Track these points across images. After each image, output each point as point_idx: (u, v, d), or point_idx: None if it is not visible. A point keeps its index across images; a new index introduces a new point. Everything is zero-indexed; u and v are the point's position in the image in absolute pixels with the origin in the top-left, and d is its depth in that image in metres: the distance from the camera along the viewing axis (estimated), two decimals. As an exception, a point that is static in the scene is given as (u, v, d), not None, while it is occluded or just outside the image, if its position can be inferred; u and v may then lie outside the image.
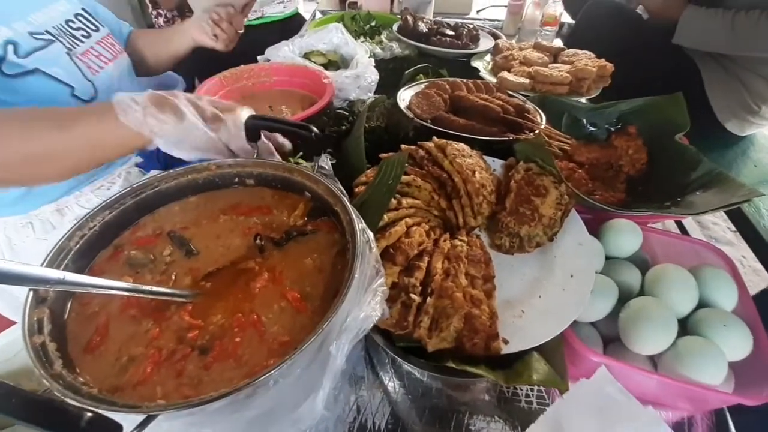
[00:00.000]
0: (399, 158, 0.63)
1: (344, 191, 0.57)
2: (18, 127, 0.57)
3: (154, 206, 0.58)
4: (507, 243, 0.62)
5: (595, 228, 0.67)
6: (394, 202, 0.60)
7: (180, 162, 0.59)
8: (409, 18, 1.19)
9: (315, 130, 0.60)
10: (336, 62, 1.16)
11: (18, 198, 0.84)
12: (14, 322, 0.81)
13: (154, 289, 0.46)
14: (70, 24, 0.85)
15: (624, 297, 0.59)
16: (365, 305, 0.46)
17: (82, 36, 0.86)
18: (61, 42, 0.80)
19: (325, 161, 0.62)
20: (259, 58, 1.15)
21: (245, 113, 0.59)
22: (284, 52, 1.09)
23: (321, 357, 0.42)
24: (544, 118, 0.85)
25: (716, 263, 0.64)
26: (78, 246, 0.50)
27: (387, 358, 0.61)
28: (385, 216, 0.57)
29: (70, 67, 0.79)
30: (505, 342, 0.49)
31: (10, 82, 0.69)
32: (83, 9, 0.90)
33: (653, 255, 0.68)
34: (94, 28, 0.90)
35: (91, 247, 0.52)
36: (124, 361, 0.42)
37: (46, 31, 0.79)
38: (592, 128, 0.93)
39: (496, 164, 0.75)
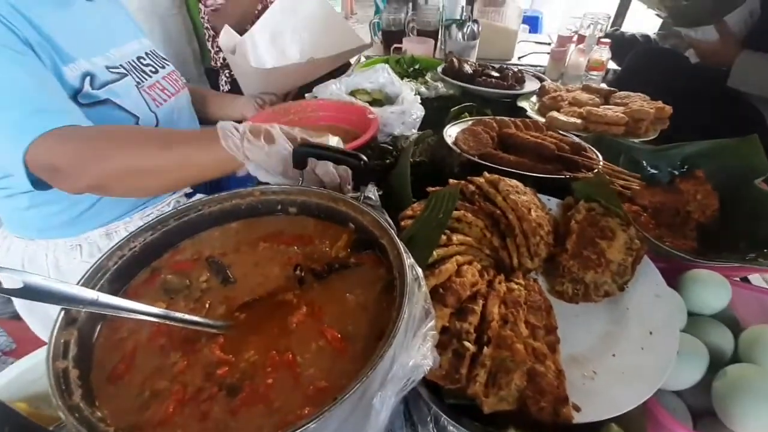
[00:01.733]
0: (451, 191, 0.59)
1: (392, 223, 0.54)
2: (133, 143, 0.65)
3: (196, 230, 0.57)
4: (570, 290, 0.55)
5: (671, 279, 0.59)
6: (443, 238, 0.56)
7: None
8: (455, 60, 1.20)
9: (364, 158, 0.58)
10: (380, 101, 1.17)
11: (70, 221, 0.87)
12: (45, 343, 0.81)
13: (186, 317, 0.43)
14: (141, 60, 0.93)
15: (714, 362, 0.50)
16: (414, 351, 0.40)
17: (150, 71, 0.92)
18: (132, 76, 0.86)
19: (372, 191, 0.59)
20: (306, 95, 1.18)
21: (334, 139, 0.63)
22: (331, 90, 1.12)
23: (361, 409, 0.37)
24: (600, 157, 0.80)
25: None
26: (116, 266, 0.48)
27: (429, 415, 0.53)
28: (434, 252, 0.53)
29: (138, 99, 0.85)
30: (577, 409, 0.42)
31: (84, 110, 0.73)
32: (153, 50, 0.98)
33: (742, 313, 0.59)
34: (161, 65, 0.97)
35: (129, 268, 0.50)
36: (146, 396, 0.38)
37: (120, 65, 0.85)
38: (653, 171, 0.86)
39: (552, 203, 0.69)
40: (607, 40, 1.39)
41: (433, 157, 0.91)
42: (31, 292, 0.37)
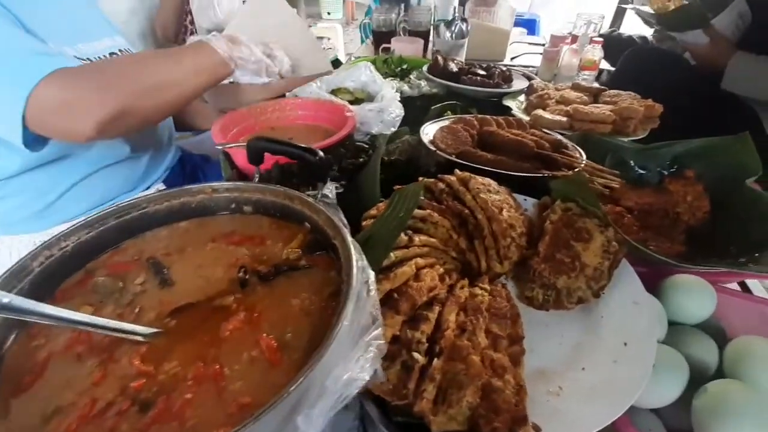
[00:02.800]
0: (413, 189, 0.55)
1: (346, 222, 0.50)
2: (147, 62, 0.72)
3: (141, 229, 0.53)
4: (540, 296, 0.51)
5: (652, 285, 0.54)
6: (404, 238, 0.51)
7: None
8: (440, 58, 1.17)
9: (320, 153, 0.54)
10: (362, 99, 1.14)
11: (36, 214, 0.84)
12: None
13: (109, 323, 0.39)
14: (114, 57, 0.90)
15: (696, 377, 0.45)
16: (352, 363, 0.36)
17: None
18: None
19: (330, 189, 0.56)
20: (287, 94, 1.15)
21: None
22: (311, 89, 1.08)
23: (289, 430, 0.32)
24: (584, 155, 0.75)
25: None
26: (43, 267, 0.44)
27: (386, 432, 0.49)
28: (391, 254, 0.49)
29: None
30: (536, 429, 0.37)
31: None
32: (127, 48, 0.96)
33: (729, 324, 0.54)
34: None
35: (60, 268, 0.46)
36: (49, 412, 0.34)
37: (88, 59, 0.83)
38: (641, 171, 0.82)
39: (528, 204, 0.65)
40: (600, 39, 1.35)
41: (410, 156, 0.88)
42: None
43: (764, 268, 0.55)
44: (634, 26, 2.42)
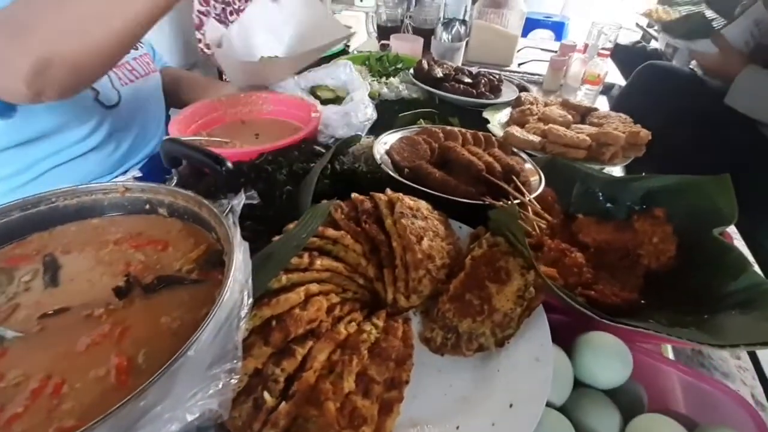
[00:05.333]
0: (323, 207, 0.52)
1: (239, 238, 0.48)
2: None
3: (51, 224, 0.53)
4: (439, 338, 0.47)
5: (573, 339, 0.50)
6: (305, 260, 0.49)
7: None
8: (425, 62, 1.12)
9: (228, 164, 0.52)
10: (344, 98, 1.11)
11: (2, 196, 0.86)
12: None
13: (-32, 322, 0.39)
14: None
15: (590, 450, 0.41)
16: (185, 399, 0.34)
17: None
18: None
19: (239, 201, 0.54)
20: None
21: None
22: (288, 84, 1.06)
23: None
24: (542, 184, 0.70)
25: (741, 421, 0.44)
26: (-72, 257, 0.44)
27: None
28: (283, 277, 0.46)
29: None
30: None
31: None
32: None
33: (653, 394, 0.49)
34: (134, 47, 0.94)
35: (-49, 259, 0.46)
36: None
37: None
38: (609, 204, 0.76)
39: (463, 232, 0.61)
40: (606, 53, 1.26)
41: (370, 166, 0.84)
42: None
43: (702, 336, 0.49)
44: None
